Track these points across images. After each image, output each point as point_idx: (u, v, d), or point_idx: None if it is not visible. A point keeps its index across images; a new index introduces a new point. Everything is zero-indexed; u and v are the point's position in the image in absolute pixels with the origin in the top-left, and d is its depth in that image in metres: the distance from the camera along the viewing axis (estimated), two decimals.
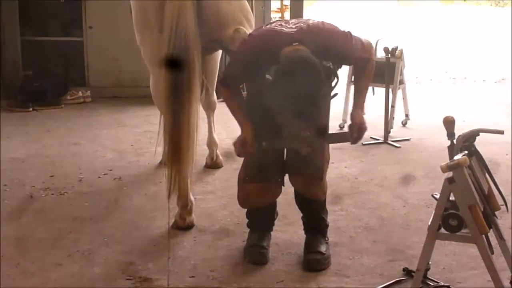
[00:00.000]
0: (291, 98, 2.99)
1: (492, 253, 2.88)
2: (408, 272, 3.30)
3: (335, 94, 3.31)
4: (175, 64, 3.56)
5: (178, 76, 3.58)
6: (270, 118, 3.16)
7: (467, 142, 2.99)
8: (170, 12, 3.62)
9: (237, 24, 3.93)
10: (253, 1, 6.61)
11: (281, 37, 3.19)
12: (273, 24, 3.39)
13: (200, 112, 3.96)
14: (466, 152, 2.93)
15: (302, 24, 3.25)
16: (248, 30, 3.93)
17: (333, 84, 3.22)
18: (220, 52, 4.69)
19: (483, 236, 2.84)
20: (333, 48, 3.22)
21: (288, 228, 3.86)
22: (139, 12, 4.05)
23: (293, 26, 3.24)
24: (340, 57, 3.28)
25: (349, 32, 3.33)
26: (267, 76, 3.09)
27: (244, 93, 3.68)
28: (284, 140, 3.33)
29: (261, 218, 3.61)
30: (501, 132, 3.14)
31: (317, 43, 3.16)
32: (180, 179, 3.65)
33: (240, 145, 3.33)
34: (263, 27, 3.44)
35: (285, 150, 3.44)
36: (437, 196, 2.91)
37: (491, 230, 2.91)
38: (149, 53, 4.09)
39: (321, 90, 3.06)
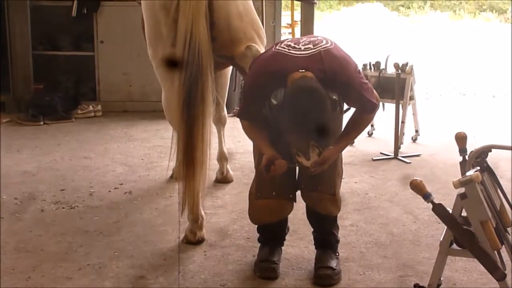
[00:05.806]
0: (296, 125, 3.01)
1: (504, 269, 2.87)
2: None
3: (348, 109, 3.30)
4: (188, 79, 3.56)
5: (191, 91, 3.57)
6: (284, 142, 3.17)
7: (479, 158, 3.00)
8: (183, 25, 3.59)
9: (249, 40, 3.92)
10: (264, 16, 6.62)
11: (288, 62, 3.13)
12: (282, 44, 3.27)
13: None
14: (478, 168, 2.93)
15: (312, 48, 3.17)
16: (260, 46, 3.92)
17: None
18: (231, 67, 4.69)
19: (495, 252, 2.83)
20: (342, 82, 3.15)
21: (299, 243, 3.85)
22: (152, 26, 4.01)
23: (303, 48, 3.17)
24: (346, 94, 3.22)
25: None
26: (273, 100, 3.10)
27: None
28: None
29: (272, 233, 3.60)
30: None
31: (326, 73, 3.10)
32: (192, 194, 3.63)
33: (268, 164, 3.25)
34: (271, 49, 3.31)
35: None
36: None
37: (503, 246, 2.91)
38: (161, 67, 4.04)
39: (325, 119, 3.02)
